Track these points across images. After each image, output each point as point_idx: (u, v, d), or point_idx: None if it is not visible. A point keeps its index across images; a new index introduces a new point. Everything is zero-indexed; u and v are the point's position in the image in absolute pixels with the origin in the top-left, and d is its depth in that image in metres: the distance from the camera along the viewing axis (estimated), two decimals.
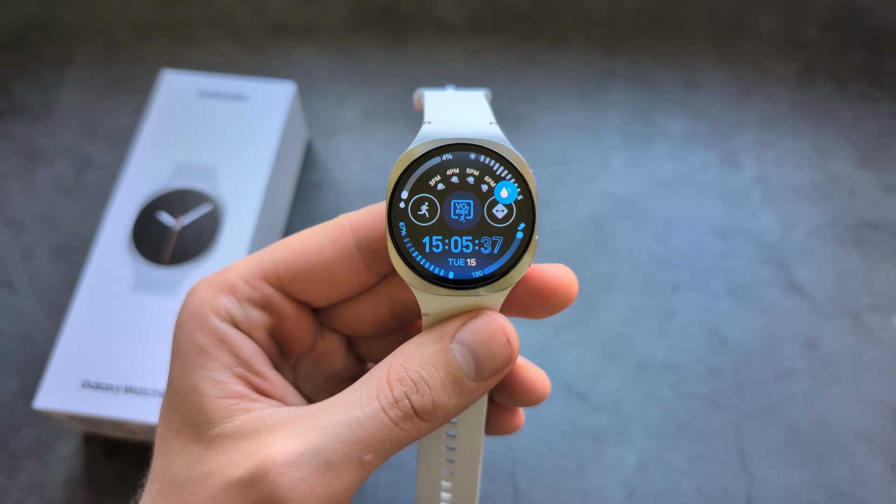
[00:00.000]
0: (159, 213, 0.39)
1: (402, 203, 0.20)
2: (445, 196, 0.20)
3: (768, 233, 0.44)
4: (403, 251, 0.19)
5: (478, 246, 0.19)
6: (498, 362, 0.20)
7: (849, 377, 0.39)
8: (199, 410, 0.20)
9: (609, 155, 0.47)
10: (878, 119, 0.47)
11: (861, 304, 0.41)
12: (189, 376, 0.21)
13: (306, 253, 0.21)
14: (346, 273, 0.22)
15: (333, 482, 0.19)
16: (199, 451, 0.20)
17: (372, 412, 0.19)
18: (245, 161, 0.41)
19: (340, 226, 0.21)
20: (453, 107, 0.22)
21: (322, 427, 0.19)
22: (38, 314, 0.42)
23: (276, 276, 0.22)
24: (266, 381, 0.22)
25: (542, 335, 0.41)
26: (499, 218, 0.19)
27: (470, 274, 0.19)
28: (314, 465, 0.18)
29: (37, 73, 0.51)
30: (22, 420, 0.39)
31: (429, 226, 0.19)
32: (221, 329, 0.21)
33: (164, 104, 0.43)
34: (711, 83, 0.50)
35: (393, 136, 0.48)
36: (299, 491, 0.18)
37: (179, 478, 0.20)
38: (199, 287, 0.22)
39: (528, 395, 0.24)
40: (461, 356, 0.20)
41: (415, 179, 0.20)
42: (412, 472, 0.37)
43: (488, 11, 0.53)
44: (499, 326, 0.20)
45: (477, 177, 0.20)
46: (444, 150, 0.20)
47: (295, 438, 0.19)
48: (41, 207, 0.46)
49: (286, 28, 0.53)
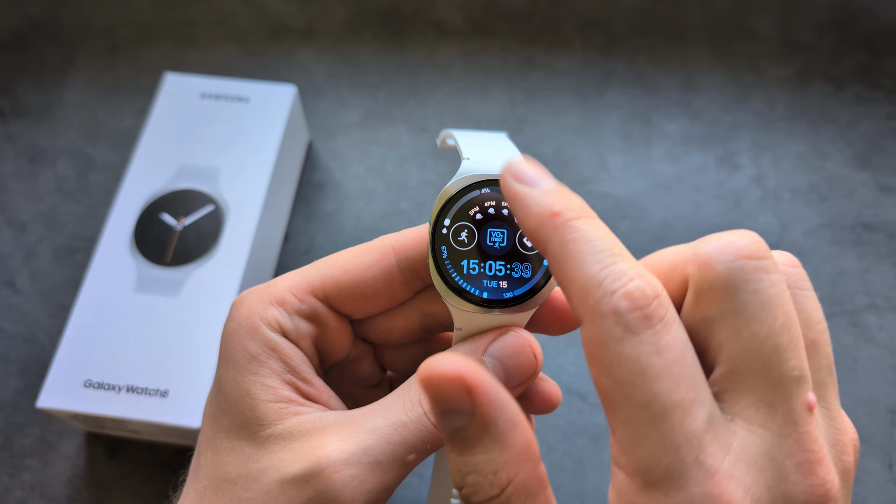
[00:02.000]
0: (161, 214, 0.39)
1: (444, 229, 0.22)
2: (483, 225, 0.22)
3: (766, 233, 0.44)
4: (444, 272, 0.22)
5: (509, 270, 0.22)
6: (525, 374, 0.22)
7: (846, 377, 0.39)
8: (251, 413, 0.22)
9: (608, 156, 0.47)
10: (876, 120, 0.48)
11: (858, 304, 0.41)
12: (241, 381, 0.22)
13: (352, 271, 0.23)
14: (386, 289, 0.24)
15: (382, 479, 0.20)
16: (252, 450, 0.21)
17: (416, 416, 0.21)
18: (247, 162, 0.41)
19: (384, 247, 0.23)
20: (485, 146, 0.24)
21: (371, 429, 0.21)
22: (41, 314, 0.42)
23: (324, 291, 0.24)
24: (312, 388, 0.23)
25: (541, 335, 0.41)
26: (528, 246, 0.22)
27: (502, 295, 0.22)
28: (365, 464, 0.20)
29: (39, 74, 0.52)
30: (25, 419, 0.39)
31: (467, 251, 0.22)
32: (272, 338, 0.23)
33: (166, 106, 0.43)
34: (709, 85, 0.50)
35: (393, 138, 0.48)
36: (352, 487, 0.20)
37: (231, 475, 0.21)
38: (247, 298, 0.23)
39: (545, 405, 0.26)
40: (492, 368, 0.22)
41: (456, 209, 0.22)
42: (413, 472, 0.37)
43: (488, 14, 0.53)
44: (526, 342, 0.22)
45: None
46: (483, 185, 0.22)
47: (347, 439, 0.21)
48: (44, 208, 0.46)
49: (287, 30, 0.53)
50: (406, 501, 0.37)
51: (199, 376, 0.34)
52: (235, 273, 0.37)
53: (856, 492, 0.36)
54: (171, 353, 0.35)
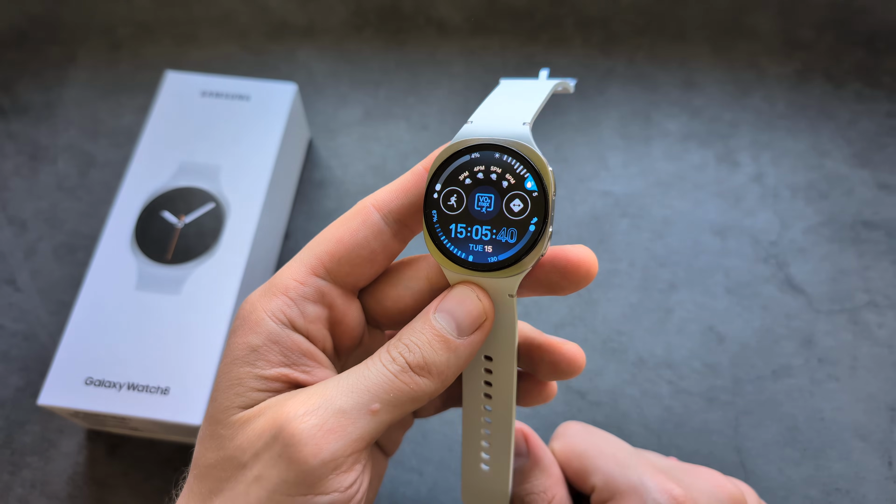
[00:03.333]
0: (162, 212, 0.39)
1: (435, 194, 0.22)
2: (471, 190, 0.22)
3: (766, 231, 0.44)
4: (433, 235, 0.22)
5: (495, 235, 0.22)
6: (474, 318, 0.23)
7: (846, 374, 0.39)
8: (235, 398, 0.22)
9: (608, 154, 0.47)
10: (875, 118, 0.48)
11: (858, 301, 0.41)
12: (235, 372, 0.23)
13: (343, 239, 0.24)
14: (379, 245, 0.24)
15: (346, 427, 0.21)
16: (228, 432, 0.22)
17: (376, 368, 0.22)
18: (247, 160, 0.41)
19: (364, 208, 0.24)
20: (503, 103, 0.24)
21: (335, 384, 0.22)
22: (42, 312, 0.42)
23: (323, 267, 0.24)
24: (311, 378, 0.23)
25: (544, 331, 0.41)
26: (515, 212, 0.22)
27: (486, 259, 0.22)
28: (329, 411, 0.21)
29: (40, 72, 0.52)
30: (25, 417, 0.39)
31: (455, 215, 0.22)
32: (275, 330, 0.23)
33: (166, 104, 0.43)
34: (709, 83, 0.50)
35: (394, 136, 0.48)
36: (317, 435, 0.20)
37: (211, 460, 0.22)
38: (252, 296, 0.24)
39: (570, 366, 0.26)
40: (443, 320, 0.23)
41: (447, 174, 0.22)
42: (412, 468, 0.37)
43: (488, 12, 0.53)
44: (471, 290, 0.23)
45: (499, 174, 0.22)
46: (474, 149, 0.22)
47: (311, 395, 0.21)
48: (44, 206, 0.46)
49: (288, 28, 0.53)
50: (406, 500, 0.37)
51: (199, 374, 0.34)
52: (236, 271, 0.37)
53: (855, 488, 0.36)
54: (171, 351, 0.35)
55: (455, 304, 0.23)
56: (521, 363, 0.27)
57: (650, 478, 0.28)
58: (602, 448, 0.30)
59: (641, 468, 0.28)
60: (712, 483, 0.29)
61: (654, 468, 0.28)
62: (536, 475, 0.29)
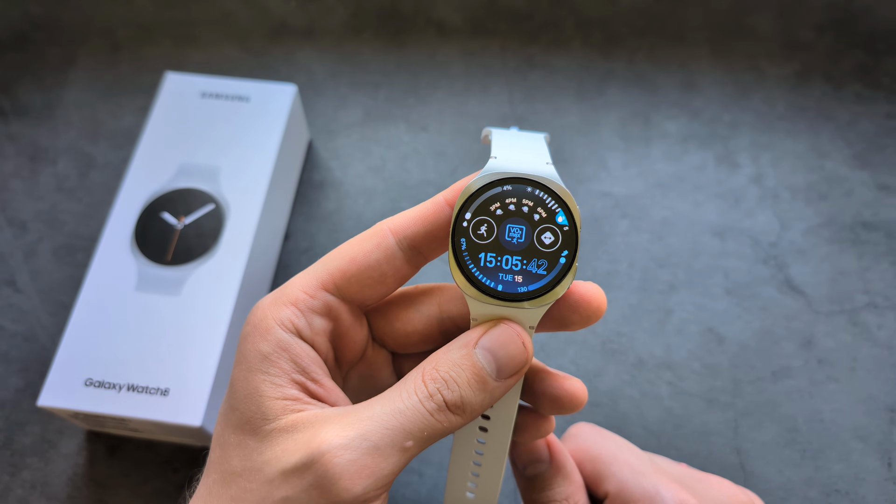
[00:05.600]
0: (162, 213, 0.39)
1: (465, 223, 0.23)
2: (502, 221, 0.23)
3: (765, 232, 0.44)
4: (461, 263, 0.23)
5: (526, 265, 0.22)
6: (516, 364, 0.23)
7: (845, 375, 0.39)
8: (257, 409, 0.23)
9: (607, 155, 0.47)
10: (875, 120, 0.48)
11: (857, 302, 0.41)
12: (251, 380, 0.23)
13: (356, 258, 0.24)
14: (391, 269, 0.25)
15: (380, 464, 0.21)
16: (255, 443, 0.22)
17: (412, 404, 0.22)
18: (247, 161, 0.41)
19: (381, 231, 0.25)
20: (517, 146, 0.25)
21: (369, 416, 0.22)
22: (42, 313, 0.42)
23: (333, 283, 0.24)
24: (322, 388, 0.24)
25: (541, 334, 0.41)
26: (546, 244, 0.23)
27: (516, 289, 0.22)
28: (364, 448, 0.21)
29: (40, 73, 0.52)
30: (25, 418, 0.39)
31: (485, 244, 0.23)
32: (285, 338, 0.23)
33: (166, 105, 0.43)
34: (709, 84, 0.50)
35: (393, 137, 0.48)
36: (351, 470, 0.21)
37: (237, 468, 0.22)
38: (262, 303, 0.24)
39: (572, 402, 0.26)
40: (484, 359, 0.23)
41: (478, 204, 0.23)
42: (412, 469, 0.37)
43: (488, 13, 0.53)
44: (515, 332, 0.23)
45: (531, 207, 0.23)
46: (506, 182, 0.23)
47: (346, 426, 0.21)
48: (44, 207, 0.46)
49: (288, 30, 0.53)
50: (406, 501, 0.37)
51: (199, 375, 0.34)
52: (236, 272, 0.37)
53: (854, 490, 0.36)
54: (171, 352, 0.35)
55: (498, 344, 0.23)
56: (522, 394, 0.27)
57: (665, 487, 0.28)
58: (616, 454, 0.29)
59: (656, 476, 0.28)
60: (725, 493, 0.29)
61: (668, 477, 0.28)
62: (559, 482, 0.28)
